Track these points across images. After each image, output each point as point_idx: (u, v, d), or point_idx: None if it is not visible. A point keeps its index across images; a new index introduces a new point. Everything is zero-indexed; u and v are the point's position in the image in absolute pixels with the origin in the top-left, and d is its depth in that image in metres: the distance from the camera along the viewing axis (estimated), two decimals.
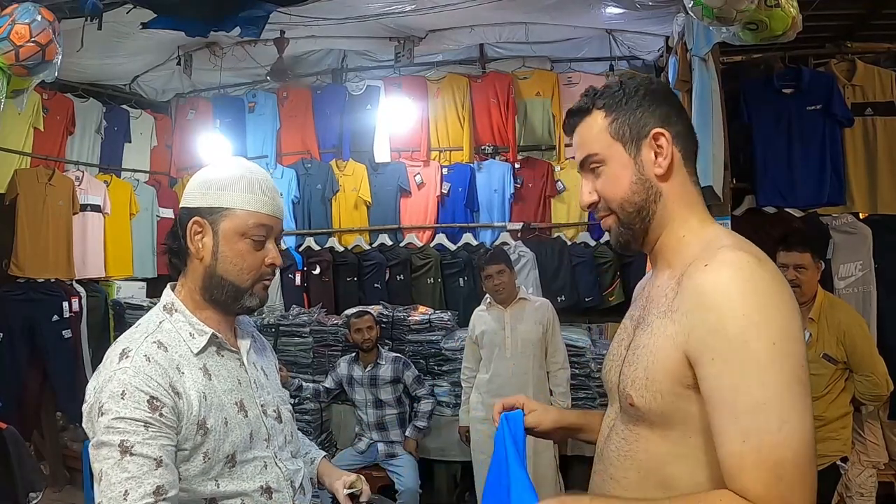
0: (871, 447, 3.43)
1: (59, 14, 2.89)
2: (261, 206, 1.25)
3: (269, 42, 4.32)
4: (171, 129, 5.69)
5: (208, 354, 1.24)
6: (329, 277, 4.98)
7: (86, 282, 4.71)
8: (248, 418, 1.24)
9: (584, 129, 1.10)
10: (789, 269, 2.70)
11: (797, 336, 0.90)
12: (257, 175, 1.28)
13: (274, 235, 1.28)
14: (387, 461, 3.69)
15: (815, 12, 3.14)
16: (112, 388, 1.09)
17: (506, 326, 3.44)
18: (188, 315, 1.24)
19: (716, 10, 2.32)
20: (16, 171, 4.35)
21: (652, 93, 1.08)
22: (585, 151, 1.10)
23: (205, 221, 1.24)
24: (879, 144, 3.67)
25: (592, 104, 1.09)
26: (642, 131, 1.06)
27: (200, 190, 1.26)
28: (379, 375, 3.69)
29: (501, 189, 4.92)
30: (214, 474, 1.17)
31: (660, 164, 1.06)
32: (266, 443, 1.27)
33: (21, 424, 3.72)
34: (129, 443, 1.06)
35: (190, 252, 1.26)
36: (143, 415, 1.08)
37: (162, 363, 1.14)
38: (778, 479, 0.85)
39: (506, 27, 4.47)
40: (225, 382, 1.23)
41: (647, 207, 1.07)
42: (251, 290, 1.26)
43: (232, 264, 1.24)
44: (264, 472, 1.24)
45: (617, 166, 1.07)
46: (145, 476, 1.05)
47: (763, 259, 0.95)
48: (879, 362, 2.62)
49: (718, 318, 0.90)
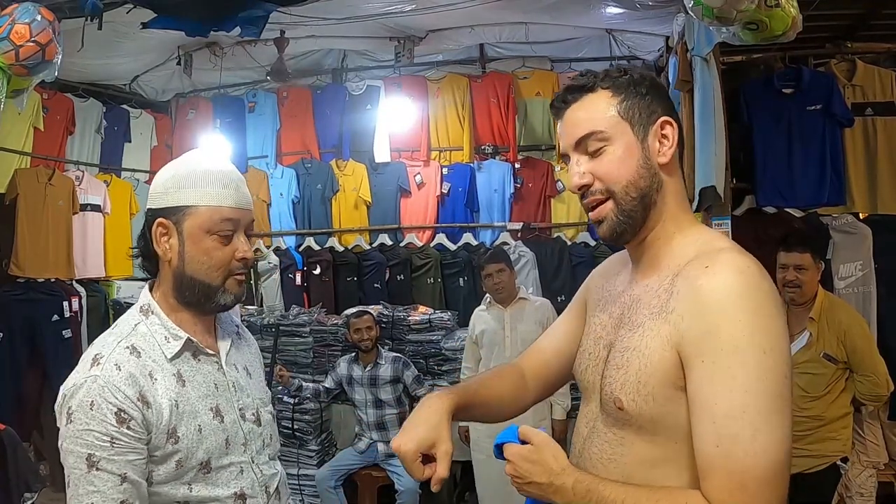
0: (871, 447, 3.43)
1: (59, 14, 2.89)
2: (223, 200, 1.20)
3: (269, 42, 4.32)
4: (171, 129, 5.68)
5: (183, 360, 1.21)
6: (329, 277, 4.98)
7: (86, 282, 4.71)
8: (223, 424, 1.22)
9: (586, 106, 1.04)
10: (789, 270, 2.70)
11: (786, 349, 0.90)
12: (218, 167, 1.23)
13: (242, 228, 1.23)
14: (387, 461, 3.69)
15: (815, 12, 3.14)
16: (81, 397, 1.10)
17: (506, 326, 3.44)
18: (164, 318, 1.22)
19: (716, 10, 2.32)
20: (16, 171, 4.35)
21: (656, 84, 1.07)
22: (588, 128, 1.02)
23: (168, 222, 1.20)
24: (879, 144, 3.66)
25: (596, 83, 1.04)
26: (651, 117, 1.03)
27: (162, 189, 1.22)
28: (379, 375, 3.69)
29: (501, 189, 4.92)
30: (188, 479, 1.17)
31: (664, 152, 1.03)
32: (243, 447, 1.25)
33: (21, 424, 3.72)
34: (95, 457, 1.08)
35: (158, 255, 1.23)
36: (110, 429, 1.08)
37: (133, 371, 1.13)
38: (741, 489, 0.85)
39: (506, 27, 4.47)
40: (199, 388, 1.21)
41: (650, 196, 1.02)
42: (223, 287, 1.22)
43: (200, 263, 1.20)
44: (240, 477, 1.23)
45: (623, 147, 1.01)
46: (110, 491, 1.08)
47: (761, 266, 0.94)
48: (880, 362, 2.62)
49: (716, 321, 0.89)
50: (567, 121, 1.06)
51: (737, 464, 0.85)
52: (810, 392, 2.63)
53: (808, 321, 2.69)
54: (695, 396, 0.90)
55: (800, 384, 2.63)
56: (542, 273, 4.62)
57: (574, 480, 0.96)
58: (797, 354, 2.67)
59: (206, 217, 1.18)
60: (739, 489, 0.84)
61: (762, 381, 0.86)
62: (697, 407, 0.90)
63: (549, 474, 0.97)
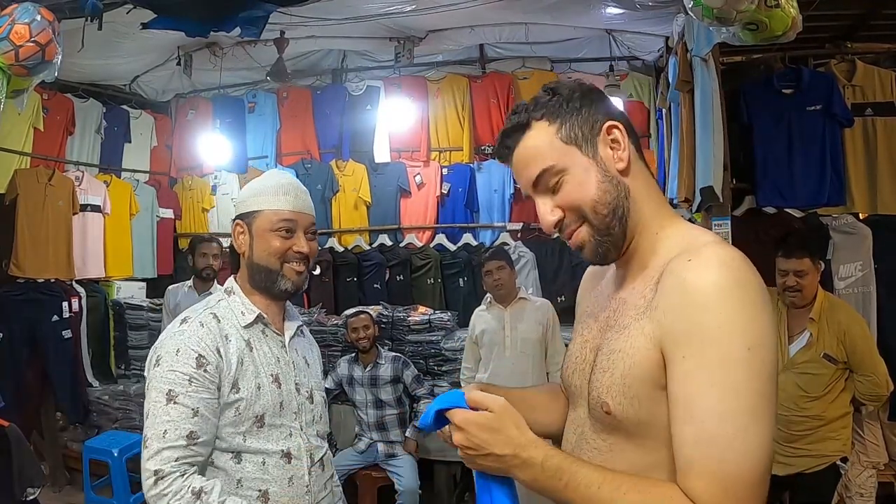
0: (871, 447, 3.43)
1: (59, 14, 2.89)
2: (283, 205, 1.49)
3: (269, 42, 4.32)
4: (171, 130, 5.69)
5: (254, 330, 1.49)
6: (329, 277, 4.99)
7: (86, 282, 4.71)
8: (280, 390, 1.46)
9: (528, 145, 1.01)
10: (789, 276, 2.70)
11: (771, 346, 0.85)
12: (283, 180, 1.54)
13: (301, 229, 1.51)
14: (387, 461, 3.69)
15: (815, 12, 3.15)
16: (169, 345, 1.37)
17: (506, 326, 3.43)
18: (242, 297, 1.51)
19: (716, 10, 2.32)
20: (16, 171, 4.35)
21: (587, 91, 1.02)
22: (539, 167, 0.99)
23: (243, 223, 1.52)
24: (879, 144, 3.66)
25: (529, 117, 1.01)
26: (594, 128, 0.99)
27: (241, 200, 1.55)
28: (379, 375, 3.69)
29: (501, 189, 4.92)
30: (244, 430, 1.39)
31: (620, 157, 0.99)
32: (295, 415, 1.49)
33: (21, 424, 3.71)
34: (174, 392, 1.32)
35: (237, 249, 1.53)
36: (190, 370, 1.34)
37: (213, 330, 1.41)
38: (723, 491, 0.82)
39: (506, 27, 4.47)
40: (264, 357, 1.47)
41: (621, 205, 0.98)
42: (281, 272, 1.49)
43: (263, 251, 1.49)
44: (288, 439, 1.46)
45: (579, 171, 0.98)
46: (183, 422, 1.31)
47: (747, 259, 0.90)
48: (880, 362, 2.62)
49: (697, 315, 0.85)
50: (516, 165, 1.04)
51: (715, 465, 0.82)
52: (810, 392, 2.63)
53: (808, 321, 2.69)
54: (674, 394, 0.87)
55: (800, 384, 2.64)
56: (541, 273, 4.62)
57: (544, 455, 0.91)
58: (797, 354, 2.68)
59: (269, 218, 1.49)
60: (721, 492, 0.81)
61: (744, 380, 0.82)
62: (676, 405, 0.87)
63: (514, 446, 0.91)
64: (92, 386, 4.58)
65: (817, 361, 2.63)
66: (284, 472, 1.43)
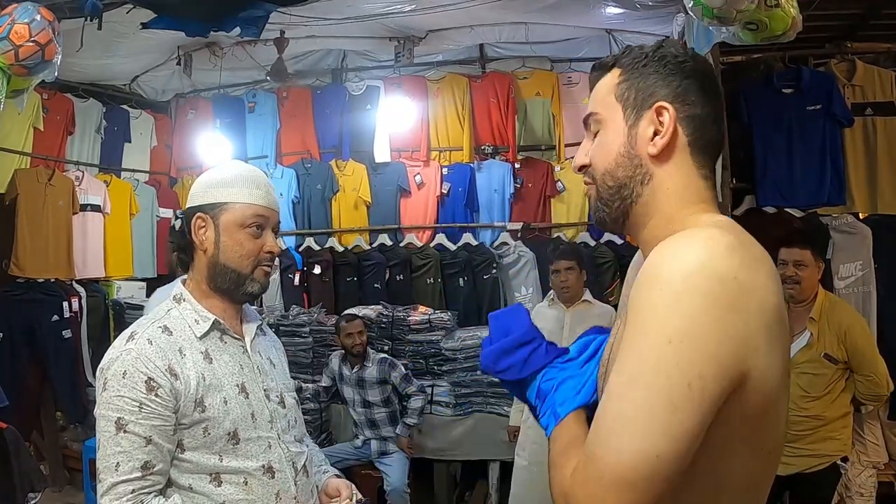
0: (871, 447, 3.43)
1: (58, 14, 2.89)
2: (256, 199, 1.37)
3: (269, 42, 4.32)
4: (171, 129, 5.68)
5: (211, 339, 1.35)
6: (329, 277, 4.98)
7: (86, 282, 4.71)
8: (248, 400, 1.35)
9: (598, 84, 0.99)
10: (789, 266, 2.70)
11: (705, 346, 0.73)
12: (252, 173, 1.42)
13: (271, 226, 1.40)
14: (379, 459, 3.70)
15: (815, 12, 3.14)
16: (116, 367, 1.24)
17: (564, 327, 3.25)
18: (194, 303, 1.37)
19: (716, 10, 2.32)
20: (16, 171, 4.35)
21: (677, 63, 0.91)
22: (590, 108, 0.98)
23: (207, 216, 1.37)
24: (879, 144, 3.66)
25: (616, 61, 0.97)
26: (647, 100, 0.91)
27: (202, 189, 1.40)
28: (365, 378, 3.67)
29: (501, 189, 4.92)
30: (217, 449, 1.28)
31: (655, 142, 0.89)
32: (269, 424, 1.37)
33: (21, 424, 3.71)
34: (124, 420, 1.20)
35: (195, 245, 1.38)
36: (140, 395, 1.21)
37: (163, 346, 1.27)
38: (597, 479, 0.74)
39: (506, 27, 4.47)
40: (225, 366, 1.35)
41: (631, 188, 0.91)
42: (252, 276, 1.38)
43: (233, 252, 1.36)
44: (268, 451, 1.34)
45: (610, 132, 0.93)
46: (136, 451, 1.20)
47: (736, 248, 0.79)
48: (880, 362, 2.62)
49: (644, 290, 0.78)
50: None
51: (599, 454, 0.74)
52: (810, 392, 2.64)
53: (808, 321, 2.69)
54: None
55: (800, 384, 2.63)
56: (542, 273, 4.61)
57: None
58: (798, 354, 2.67)
59: (240, 212, 1.36)
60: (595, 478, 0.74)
61: (654, 374, 0.73)
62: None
63: None
64: (92, 386, 4.57)
65: (818, 361, 2.63)
66: (270, 489, 1.32)
